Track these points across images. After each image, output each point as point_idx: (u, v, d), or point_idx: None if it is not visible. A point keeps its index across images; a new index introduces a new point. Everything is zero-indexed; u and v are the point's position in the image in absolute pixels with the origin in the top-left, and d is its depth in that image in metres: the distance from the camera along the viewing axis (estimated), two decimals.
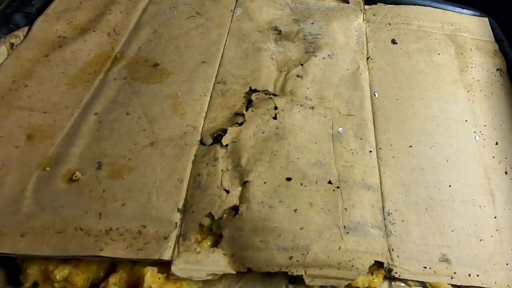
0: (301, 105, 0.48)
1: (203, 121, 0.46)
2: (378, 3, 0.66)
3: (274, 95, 0.49)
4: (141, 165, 0.41)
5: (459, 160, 0.46)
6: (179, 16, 0.58)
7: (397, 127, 0.49)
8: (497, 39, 0.63)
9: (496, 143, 0.49)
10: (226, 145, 0.43)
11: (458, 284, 0.38)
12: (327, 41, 0.57)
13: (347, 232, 0.38)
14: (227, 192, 0.39)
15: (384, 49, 0.59)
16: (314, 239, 0.37)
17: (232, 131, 0.44)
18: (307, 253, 0.36)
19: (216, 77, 0.51)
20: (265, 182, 0.40)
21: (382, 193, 0.42)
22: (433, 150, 0.47)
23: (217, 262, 0.36)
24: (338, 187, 0.41)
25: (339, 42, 0.57)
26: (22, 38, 0.51)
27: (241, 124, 0.45)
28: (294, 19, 0.61)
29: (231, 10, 0.60)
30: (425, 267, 0.38)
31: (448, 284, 0.38)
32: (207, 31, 0.56)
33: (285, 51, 0.55)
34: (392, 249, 0.39)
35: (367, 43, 0.59)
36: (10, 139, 0.41)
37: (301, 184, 0.41)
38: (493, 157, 0.47)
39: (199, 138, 0.44)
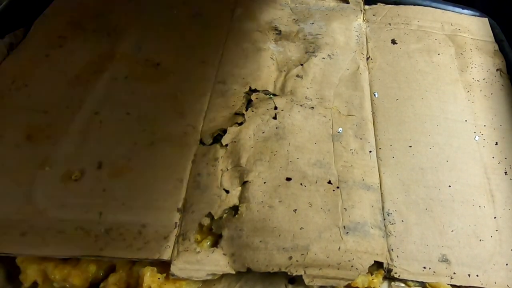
0: (301, 105, 0.48)
1: (203, 121, 0.46)
2: (378, 3, 0.66)
3: (274, 95, 0.49)
4: (141, 165, 0.41)
5: (459, 160, 0.46)
6: (179, 15, 0.58)
7: (397, 127, 0.48)
8: (497, 39, 0.63)
9: (496, 143, 0.49)
10: (226, 145, 0.43)
11: (458, 284, 0.38)
12: (327, 41, 0.57)
13: (347, 232, 0.38)
14: (227, 192, 0.39)
15: (384, 49, 0.58)
16: (313, 239, 0.37)
17: (232, 131, 0.44)
18: (307, 253, 0.36)
19: (216, 77, 0.51)
20: (265, 182, 0.40)
21: (382, 193, 0.42)
22: (433, 150, 0.47)
23: (216, 262, 0.36)
24: (338, 187, 0.41)
25: (339, 42, 0.57)
26: (21, 38, 0.51)
27: (241, 124, 0.45)
28: (294, 19, 0.61)
29: (231, 10, 0.60)
30: (424, 267, 0.38)
31: (448, 284, 0.38)
32: (207, 31, 0.56)
33: (285, 51, 0.55)
34: (392, 249, 0.39)
35: (367, 43, 0.59)
36: (10, 139, 0.42)
37: (301, 184, 0.41)
38: (493, 157, 0.47)
39: (199, 138, 0.44)
